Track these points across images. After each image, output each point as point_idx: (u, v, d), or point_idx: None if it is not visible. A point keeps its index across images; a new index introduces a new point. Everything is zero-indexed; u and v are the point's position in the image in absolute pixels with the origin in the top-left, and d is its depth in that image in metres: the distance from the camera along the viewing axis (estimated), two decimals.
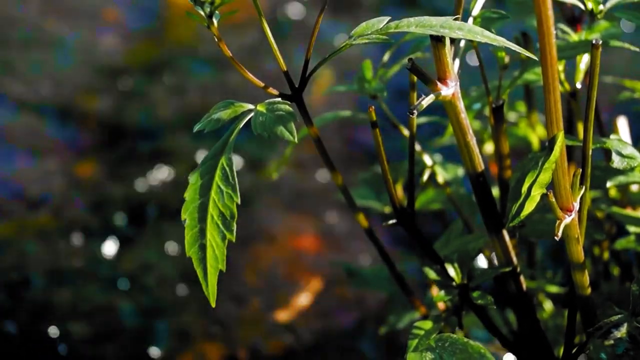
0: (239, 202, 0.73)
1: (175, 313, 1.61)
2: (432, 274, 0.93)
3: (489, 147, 1.24)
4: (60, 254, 1.73)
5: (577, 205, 0.79)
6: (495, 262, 1.00)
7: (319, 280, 1.68)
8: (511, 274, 0.93)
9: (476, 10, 0.86)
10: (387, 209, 1.20)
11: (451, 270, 0.92)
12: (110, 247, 1.75)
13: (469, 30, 0.73)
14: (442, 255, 0.94)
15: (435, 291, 1.13)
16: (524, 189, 0.77)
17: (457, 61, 0.87)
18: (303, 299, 1.61)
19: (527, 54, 0.74)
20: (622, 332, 0.80)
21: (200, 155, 2.00)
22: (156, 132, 2.09)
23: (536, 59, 0.74)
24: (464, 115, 0.81)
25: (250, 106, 0.78)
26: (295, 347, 1.55)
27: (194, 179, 0.75)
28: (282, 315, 1.59)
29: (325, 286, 1.66)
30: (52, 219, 1.82)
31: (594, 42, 0.75)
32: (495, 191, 1.06)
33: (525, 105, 1.20)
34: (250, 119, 0.76)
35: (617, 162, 0.86)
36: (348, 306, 1.62)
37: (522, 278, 0.93)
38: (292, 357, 1.54)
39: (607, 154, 0.93)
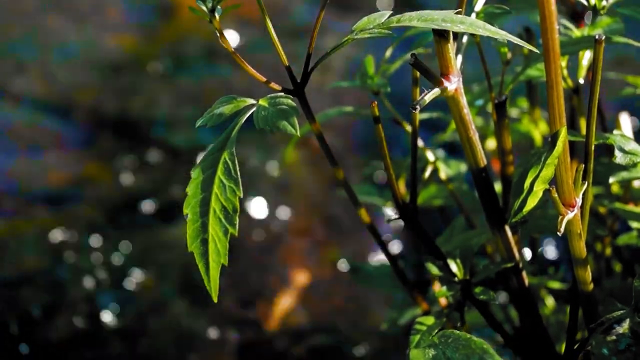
0: (241, 196, 0.73)
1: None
2: (434, 270, 0.92)
3: (492, 143, 1.24)
4: (61, 252, 1.73)
5: (579, 201, 0.79)
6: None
7: None
8: (513, 269, 0.93)
9: (479, 6, 0.86)
10: (390, 205, 1.20)
11: (453, 266, 0.92)
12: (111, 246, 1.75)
13: (471, 24, 0.72)
14: (444, 251, 0.94)
15: (437, 287, 1.13)
16: (527, 184, 0.77)
17: (460, 57, 0.87)
18: None
19: (529, 48, 0.74)
20: (624, 327, 0.80)
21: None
22: (158, 128, 2.09)
23: (539, 52, 0.74)
24: (466, 110, 0.81)
25: (253, 101, 0.78)
26: None
27: (196, 173, 0.75)
28: None
29: None
30: (54, 216, 1.82)
31: (596, 37, 0.75)
32: (498, 187, 1.06)
33: (528, 101, 1.20)
34: (252, 114, 0.76)
35: (619, 157, 0.86)
36: None
37: (524, 274, 0.93)
38: None
39: (609, 149, 0.93)
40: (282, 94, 0.78)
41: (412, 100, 0.86)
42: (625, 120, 1.13)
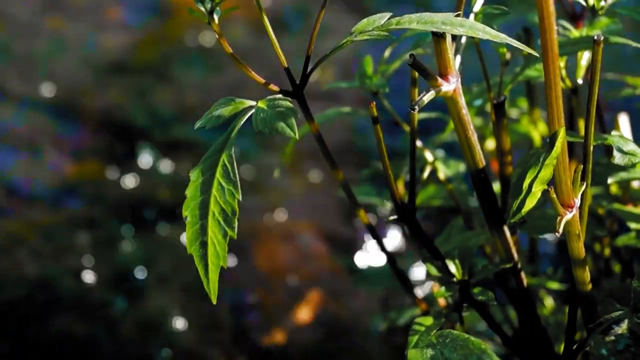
0: (240, 198, 0.73)
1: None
2: (433, 270, 0.92)
3: (491, 144, 1.24)
4: (62, 252, 1.73)
5: (578, 202, 0.79)
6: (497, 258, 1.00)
7: None
8: (512, 270, 0.93)
9: (477, 6, 0.86)
10: (389, 205, 1.20)
11: (452, 267, 0.92)
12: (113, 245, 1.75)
13: (471, 27, 0.72)
14: (443, 252, 0.94)
15: (436, 287, 1.13)
16: (525, 185, 0.76)
17: (459, 57, 0.87)
18: None
19: (528, 50, 0.74)
20: (623, 328, 0.80)
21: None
22: (159, 128, 2.09)
23: (537, 55, 0.74)
24: (465, 111, 0.81)
25: (252, 103, 0.78)
26: None
27: (195, 175, 0.75)
28: None
29: None
30: (54, 216, 1.82)
31: (595, 38, 0.75)
32: (496, 187, 1.06)
33: (527, 101, 1.20)
34: (251, 116, 0.76)
35: (618, 158, 0.86)
36: None
37: (523, 274, 0.93)
38: None
39: (608, 150, 0.93)
40: (280, 95, 0.78)
41: (411, 101, 0.86)
42: (624, 121, 1.13)
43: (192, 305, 1.61)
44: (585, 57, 0.97)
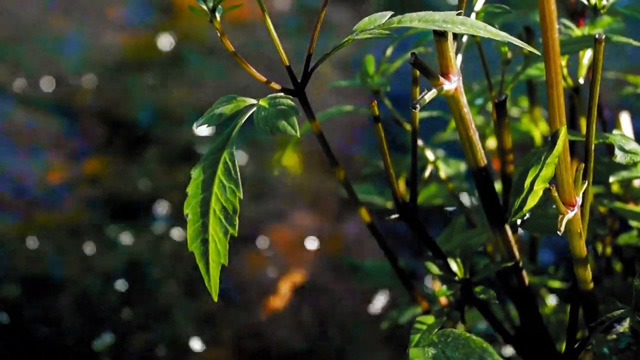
0: (241, 196, 0.73)
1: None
2: (434, 269, 0.92)
3: (492, 142, 1.24)
4: (61, 252, 1.73)
5: (579, 200, 0.79)
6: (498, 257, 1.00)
7: None
8: (513, 268, 0.93)
9: (479, 5, 0.86)
10: (390, 204, 1.20)
11: (454, 265, 0.92)
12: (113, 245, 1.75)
13: (472, 25, 0.72)
14: (444, 250, 0.94)
15: (437, 286, 1.13)
16: (527, 183, 0.76)
17: (460, 56, 0.87)
18: None
19: (529, 49, 0.74)
20: (624, 326, 0.80)
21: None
22: (159, 127, 2.09)
23: (539, 53, 0.74)
24: (466, 109, 0.81)
25: (253, 101, 0.78)
26: None
27: (196, 173, 0.75)
28: None
29: None
30: (54, 216, 1.82)
31: (597, 36, 0.75)
32: (498, 186, 1.06)
33: (528, 100, 1.20)
34: (252, 114, 0.77)
35: (620, 157, 0.86)
36: None
37: (524, 273, 0.93)
38: None
39: (609, 149, 0.93)
40: (282, 94, 0.78)
41: (412, 99, 0.86)
42: (626, 120, 1.13)
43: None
44: (587, 55, 0.97)
